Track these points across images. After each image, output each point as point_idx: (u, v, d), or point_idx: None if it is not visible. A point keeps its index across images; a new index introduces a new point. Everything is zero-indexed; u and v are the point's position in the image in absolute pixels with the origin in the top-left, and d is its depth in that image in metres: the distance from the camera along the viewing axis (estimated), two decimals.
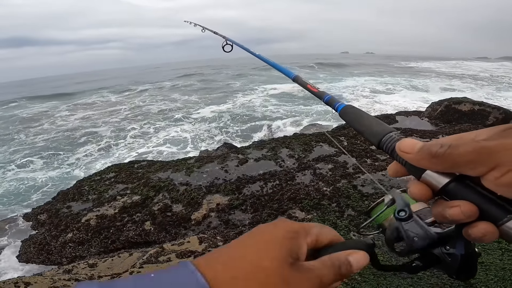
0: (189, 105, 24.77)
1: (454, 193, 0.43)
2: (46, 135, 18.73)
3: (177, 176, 6.15)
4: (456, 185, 0.43)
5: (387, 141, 0.53)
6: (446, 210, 0.43)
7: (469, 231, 0.43)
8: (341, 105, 0.72)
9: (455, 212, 0.42)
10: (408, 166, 0.48)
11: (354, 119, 0.65)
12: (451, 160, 0.42)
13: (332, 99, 0.79)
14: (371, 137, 0.57)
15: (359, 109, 0.68)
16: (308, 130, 10.88)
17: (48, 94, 40.95)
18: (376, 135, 0.56)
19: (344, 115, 0.69)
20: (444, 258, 0.54)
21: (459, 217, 0.42)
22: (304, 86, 0.99)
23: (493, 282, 2.84)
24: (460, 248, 0.52)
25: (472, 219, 0.41)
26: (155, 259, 3.75)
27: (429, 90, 26.80)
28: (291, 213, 4.70)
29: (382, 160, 6.17)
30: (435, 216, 0.46)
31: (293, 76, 1.15)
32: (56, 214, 5.55)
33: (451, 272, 0.55)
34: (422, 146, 0.45)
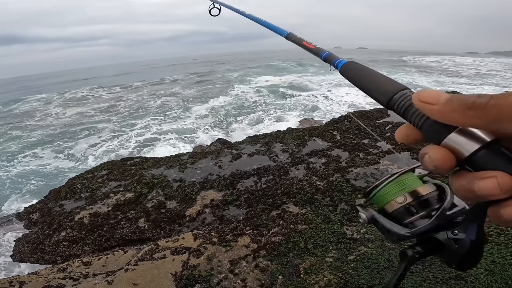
0: (189, 100, 24.86)
1: (484, 163, 0.35)
2: (46, 129, 18.61)
3: (170, 172, 6.14)
4: (488, 152, 0.35)
5: (399, 99, 0.46)
6: (475, 183, 0.35)
7: (501, 211, 0.35)
8: (342, 62, 0.64)
9: (489, 185, 0.34)
10: (426, 127, 0.40)
11: (359, 76, 0.57)
12: (496, 112, 0.33)
13: (331, 56, 0.72)
14: (380, 95, 0.50)
15: (363, 66, 0.59)
16: (302, 125, 10.91)
17: (39, 91, 40.37)
18: (386, 93, 0.48)
19: (346, 72, 0.61)
20: (449, 244, 0.47)
21: (494, 191, 0.34)
22: (299, 44, 0.91)
23: (483, 276, 2.90)
24: (472, 233, 0.45)
25: (509, 194, 0.34)
26: (150, 256, 3.75)
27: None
28: (285, 208, 4.72)
29: (375, 153, 6.22)
30: (457, 190, 0.38)
31: (286, 34, 1.07)
32: (49, 213, 5.50)
33: (453, 260, 0.48)
34: (451, 97, 0.37)
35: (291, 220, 4.30)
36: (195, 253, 3.72)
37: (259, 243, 3.84)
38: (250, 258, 3.61)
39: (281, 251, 3.65)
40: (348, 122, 8.24)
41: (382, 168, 5.67)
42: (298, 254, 3.61)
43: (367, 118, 8.24)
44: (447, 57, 67.23)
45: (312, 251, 3.64)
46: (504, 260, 3.10)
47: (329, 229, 4.03)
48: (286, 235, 3.90)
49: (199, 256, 3.66)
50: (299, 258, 3.52)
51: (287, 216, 4.46)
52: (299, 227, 4.08)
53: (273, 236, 3.94)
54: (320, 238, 3.85)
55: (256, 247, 3.78)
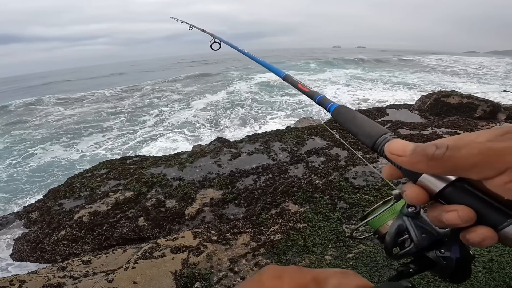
0: (190, 95, 25.06)
1: (451, 197, 0.42)
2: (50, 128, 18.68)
3: (170, 171, 6.14)
4: (453, 189, 0.42)
5: (381, 143, 0.51)
6: (443, 214, 0.41)
7: (467, 236, 0.41)
8: (333, 106, 0.70)
9: (452, 217, 0.40)
10: (403, 169, 0.46)
11: (347, 120, 0.63)
12: (452, 163, 0.38)
13: (324, 99, 0.76)
14: (365, 139, 0.55)
15: (352, 110, 0.65)
16: (301, 124, 10.92)
17: (38, 90, 40.26)
18: (370, 137, 0.54)
19: (336, 116, 0.67)
20: (438, 261, 0.53)
21: (456, 222, 0.40)
22: (295, 86, 0.97)
23: (481, 274, 2.92)
24: (455, 252, 0.52)
25: (470, 223, 0.40)
26: (150, 255, 3.76)
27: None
28: (284, 206, 4.74)
29: (374, 152, 6.23)
30: (432, 220, 0.44)
31: (283, 76, 1.13)
32: (48, 212, 5.51)
33: (445, 275, 0.54)
34: (414, 148, 0.41)
35: (290, 218, 4.32)
36: (194, 251, 3.73)
37: (259, 242, 3.86)
38: (250, 256, 3.62)
39: (280, 249, 3.67)
40: None
41: (381, 167, 5.69)
42: (297, 252, 3.62)
43: None
44: (452, 57, 67.05)
45: (311, 249, 3.66)
46: (502, 258, 3.13)
47: (328, 227, 4.05)
48: (285, 234, 3.92)
49: (199, 254, 3.67)
50: (298, 256, 3.54)
51: (286, 215, 4.47)
52: (298, 225, 4.09)
53: (273, 234, 3.95)
54: (319, 236, 3.87)
55: (256, 245, 3.79)
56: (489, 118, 8.97)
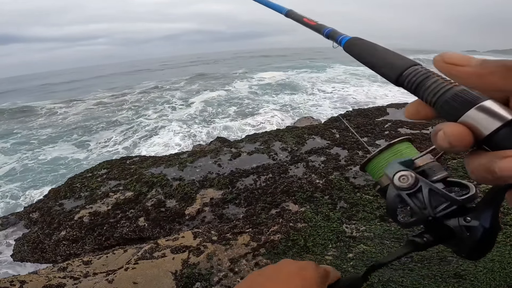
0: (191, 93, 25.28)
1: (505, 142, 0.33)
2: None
3: (170, 171, 6.14)
4: (510, 131, 0.33)
5: (410, 75, 0.42)
6: (496, 162, 0.32)
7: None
8: (345, 38, 0.61)
9: (510, 164, 0.31)
10: (441, 104, 0.37)
11: (365, 51, 0.53)
12: None
13: (334, 32, 0.68)
14: (388, 71, 0.46)
15: (370, 41, 0.55)
16: (301, 123, 10.92)
17: (40, 91, 40.28)
18: (395, 68, 0.45)
19: (350, 48, 0.58)
20: (460, 231, 0.44)
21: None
22: (300, 21, 0.87)
23: (482, 274, 2.91)
24: (486, 220, 0.42)
25: None
26: (150, 255, 3.76)
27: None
28: (284, 206, 4.74)
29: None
30: (475, 171, 0.35)
31: (285, 12, 1.00)
32: (48, 212, 5.51)
33: (463, 249, 0.45)
34: (484, 59, 0.34)
35: (291, 218, 4.31)
36: (195, 251, 3.73)
37: (259, 241, 3.85)
38: (250, 256, 3.62)
39: (280, 249, 3.67)
40: (347, 121, 8.25)
41: None
42: (298, 252, 3.62)
43: (365, 117, 8.26)
44: None
45: (311, 249, 3.66)
46: (503, 258, 3.12)
47: (328, 227, 4.04)
48: (285, 233, 3.91)
49: (199, 254, 3.67)
50: (299, 256, 3.54)
51: (286, 214, 4.47)
52: (298, 225, 4.09)
53: (273, 234, 3.95)
54: (319, 236, 3.86)
55: (256, 245, 3.79)
56: None
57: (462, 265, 3.05)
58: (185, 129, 15.64)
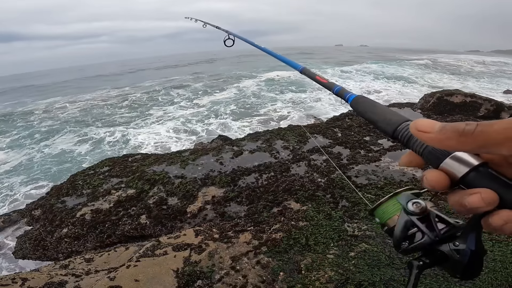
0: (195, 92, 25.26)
1: (474, 182, 0.41)
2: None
3: (172, 168, 6.15)
4: (477, 173, 0.41)
5: (403, 130, 0.51)
6: (465, 198, 0.41)
7: (489, 220, 0.41)
8: (352, 96, 0.71)
9: (474, 199, 0.40)
10: (425, 154, 0.46)
11: (367, 109, 0.63)
12: (484, 138, 0.38)
13: (342, 90, 0.78)
14: (386, 126, 0.55)
15: (371, 100, 0.66)
16: (304, 122, 10.90)
17: (43, 90, 40.32)
18: (391, 124, 0.53)
19: (355, 106, 0.68)
20: (452, 255, 0.52)
21: (479, 204, 0.40)
22: (313, 78, 0.98)
23: (484, 274, 2.90)
24: (471, 243, 0.50)
25: (492, 206, 0.40)
26: (152, 253, 3.77)
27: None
28: (286, 205, 4.73)
29: (376, 151, 6.22)
30: (452, 205, 0.44)
31: (300, 69, 1.14)
32: (51, 209, 5.52)
33: (457, 270, 0.53)
34: (443, 125, 0.42)
35: (292, 216, 4.31)
36: (196, 249, 3.73)
37: (260, 240, 3.85)
38: (252, 255, 3.62)
39: (282, 248, 3.66)
40: (349, 120, 8.23)
41: (383, 165, 5.67)
42: (299, 250, 3.61)
43: None
44: (461, 56, 66.21)
45: (313, 247, 3.65)
46: (505, 257, 3.11)
47: (330, 226, 4.03)
48: (287, 232, 3.91)
49: (201, 252, 3.67)
50: (300, 255, 3.53)
51: (288, 213, 4.47)
52: (300, 224, 4.08)
53: (274, 232, 3.94)
54: (321, 235, 3.85)
55: (257, 243, 3.79)
56: (492, 117, 8.91)
57: None
58: (189, 127, 15.66)
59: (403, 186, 0.58)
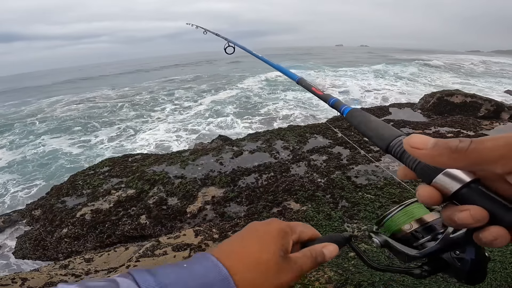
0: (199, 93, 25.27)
1: (465, 198, 0.42)
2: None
3: (172, 169, 6.15)
4: (468, 190, 0.42)
5: (396, 145, 0.51)
6: (456, 214, 0.42)
7: (479, 235, 0.42)
8: (347, 109, 0.70)
9: (464, 216, 0.41)
10: (418, 170, 0.47)
11: (361, 123, 0.63)
12: (477, 155, 0.38)
13: (338, 103, 0.77)
14: (379, 142, 0.55)
15: (366, 113, 0.66)
16: (304, 122, 10.91)
17: (45, 90, 40.24)
18: (384, 139, 0.54)
19: (350, 119, 0.68)
20: (453, 262, 0.54)
21: (468, 221, 0.41)
22: (309, 89, 0.98)
23: None
24: (470, 253, 0.52)
25: (482, 223, 0.41)
26: (151, 253, 3.77)
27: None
28: (286, 205, 4.73)
29: (376, 151, 6.22)
30: (445, 219, 0.45)
31: (297, 79, 1.15)
32: (51, 210, 5.53)
33: (460, 276, 0.54)
34: (436, 141, 0.42)
35: (292, 217, 4.31)
36: (196, 249, 3.73)
37: None
38: None
39: None
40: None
41: (383, 166, 5.67)
42: None
43: None
44: (462, 56, 66.03)
45: None
46: (504, 258, 3.11)
47: (330, 226, 4.04)
48: None
49: None
50: None
51: (288, 213, 4.47)
52: None
53: None
54: None
55: None
56: (492, 117, 8.91)
57: None
58: (189, 127, 15.66)
59: (402, 186, 0.57)
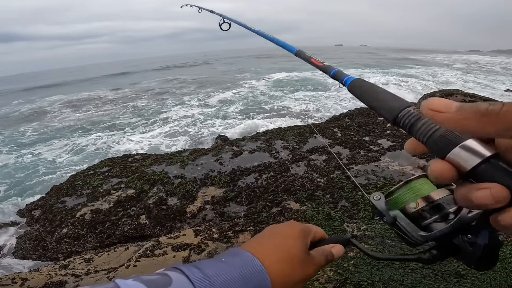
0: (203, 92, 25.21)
1: (484, 176, 0.37)
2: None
3: (171, 169, 6.15)
4: (488, 166, 0.37)
5: (405, 116, 0.46)
6: (473, 193, 0.37)
7: (498, 218, 0.37)
8: (350, 79, 0.66)
9: (483, 195, 0.36)
10: (430, 143, 0.41)
11: (365, 93, 0.58)
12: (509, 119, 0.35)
13: (339, 73, 0.73)
14: (386, 113, 0.50)
15: (370, 83, 0.60)
16: (303, 122, 10.91)
17: (46, 90, 40.16)
18: (392, 110, 0.49)
19: (353, 90, 0.63)
20: (464, 247, 0.50)
21: (488, 201, 0.36)
22: (308, 61, 0.93)
23: (483, 274, 2.89)
24: (483, 237, 0.48)
25: (502, 204, 0.36)
26: (151, 253, 3.77)
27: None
28: (285, 205, 4.74)
29: (375, 150, 6.22)
30: (459, 199, 0.40)
31: (295, 51, 1.10)
32: (50, 210, 5.53)
33: (470, 262, 0.51)
34: (461, 104, 0.38)
35: (292, 216, 4.31)
36: (196, 249, 3.74)
37: None
38: None
39: None
40: (349, 120, 8.23)
41: (382, 165, 5.67)
42: None
43: (367, 116, 8.24)
44: (461, 55, 65.91)
45: None
46: (504, 258, 3.11)
47: (329, 226, 4.04)
48: None
49: (200, 252, 3.68)
50: None
51: (287, 213, 4.47)
52: None
53: None
54: None
55: None
56: None
57: (463, 264, 3.05)
58: (189, 127, 15.61)
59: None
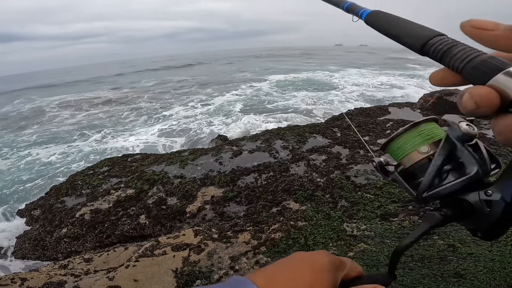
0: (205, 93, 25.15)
1: None
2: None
3: (171, 168, 6.15)
4: None
5: (436, 43, 0.41)
6: None
7: None
8: (367, 11, 0.59)
9: None
10: (468, 70, 0.37)
11: (386, 23, 0.52)
12: None
13: (354, 6, 0.66)
14: (413, 40, 0.45)
15: (391, 14, 0.54)
16: (303, 122, 10.91)
17: (46, 90, 40.09)
18: (421, 37, 0.43)
19: (372, 20, 0.56)
20: (480, 207, 0.43)
21: None
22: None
23: (482, 274, 2.90)
24: (508, 193, 0.40)
25: None
26: (151, 253, 3.77)
27: None
28: (285, 204, 4.74)
29: (375, 150, 6.22)
30: (501, 132, 0.36)
31: None
32: (50, 209, 5.53)
33: (480, 227, 0.44)
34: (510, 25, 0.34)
35: (291, 216, 4.31)
36: (195, 249, 3.73)
37: (259, 240, 3.85)
38: (250, 255, 3.62)
39: (281, 248, 3.67)
40: (349, 120, 8.23)
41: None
42: (298, 250, 3.62)
43: (367, 116, 8.24)
44: None
45: (312, 247, 3.66)
46: (503, 258, 3.11)
47: (329, 226, 4.04)
48: (286, 232, 3.91)
49: (200, 252, 3.68)
50: None
51: (287, 213, 4.47)
52: (299, 224, 4.09)
53: (273, 232, 3.95)
54: (320, 235, 3.86)
55: (256, 243, 3.79)
56: (492, 117, 8.92)
57: (462, 264, 3.05)
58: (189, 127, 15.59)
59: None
